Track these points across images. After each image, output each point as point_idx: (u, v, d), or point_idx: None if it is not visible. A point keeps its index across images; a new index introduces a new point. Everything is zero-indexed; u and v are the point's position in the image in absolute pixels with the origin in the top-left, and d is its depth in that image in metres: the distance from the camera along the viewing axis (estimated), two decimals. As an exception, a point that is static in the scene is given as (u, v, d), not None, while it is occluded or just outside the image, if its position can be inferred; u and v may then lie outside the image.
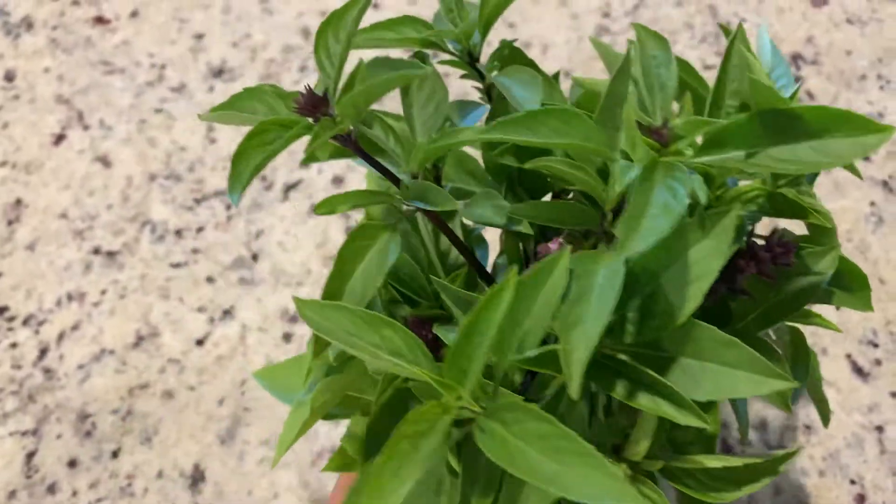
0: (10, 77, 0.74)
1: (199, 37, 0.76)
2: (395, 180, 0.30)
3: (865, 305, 0.33)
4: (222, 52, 0.75)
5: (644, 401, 0.27)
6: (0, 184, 0.68)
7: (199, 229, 0.65)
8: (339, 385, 0.34)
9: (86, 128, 0.71)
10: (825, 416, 0.40)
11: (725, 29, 0.34)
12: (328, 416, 0.37)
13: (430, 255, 0.35)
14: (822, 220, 0.31)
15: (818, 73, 0.71)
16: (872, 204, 0.63)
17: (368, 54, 0.32)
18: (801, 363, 0.35)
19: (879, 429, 0.54)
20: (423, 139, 0.32)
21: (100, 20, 0.78)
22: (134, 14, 0.78)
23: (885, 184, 0.64)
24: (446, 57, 0.34)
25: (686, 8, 0.75)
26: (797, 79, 0.71)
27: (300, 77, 0.72)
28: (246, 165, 0.26)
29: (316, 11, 0.77)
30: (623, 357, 0.28)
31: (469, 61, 0.34)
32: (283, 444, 0.38)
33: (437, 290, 0.34)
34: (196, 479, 0.54)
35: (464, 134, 0.29)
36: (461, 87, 0.61)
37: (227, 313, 0.61)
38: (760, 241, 0.31)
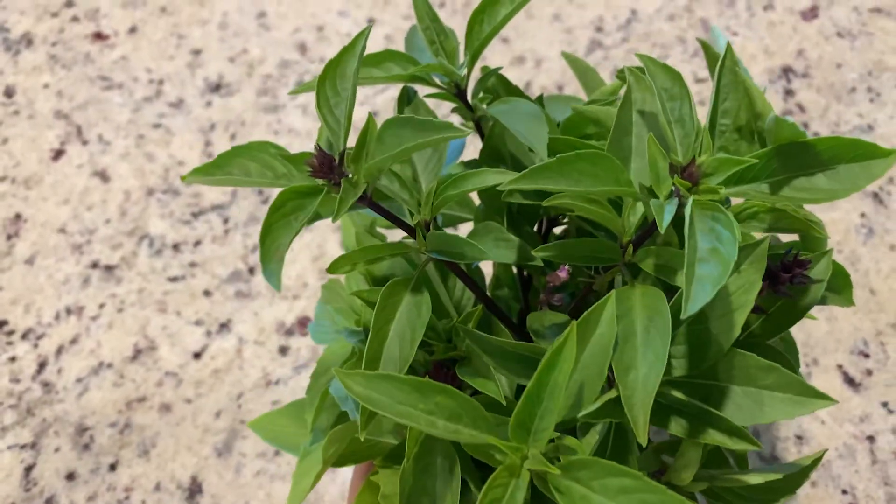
0: (9, 93, 0.75)
1: (197, 52, 0.77)
2: (409, 229, 0.30)
3: (848, 302, 0.35)
4: (219, 67, 0.76)
5: (693, 431, 0.27)
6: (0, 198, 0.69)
7: (197, 243, 0.66)
8: (349, 431, 0.34)
9: (84, 143, 0.72)
10: None
11: (706, 45, 0.34)
12: (338, 463, 0.37)
13: (440, 296, 0.35)
14: (820, 231, 0.32)
15: (808, 86, 0.71)
16: (863, 216, 0.64)
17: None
18: (792, 357, 0.36)
19: (871, 439, 0.55)
20: (427, 181, 0.31)
21: (98, 36, 0.79)
22: (132, 30, 0.79)
23: (875, 196, 0.65)
24: (433, 90, 0.34)
25: (678, 22, 0.76)
26: (788, 92, 0.71)
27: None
28: (275, 243, 0.25)
29: (312, 27, 0.78)
30: (677, 393, 0.28)
31: (456, 93, 0.34)
32: (297, 496, 0.37)
33: (449, 330, 0.34)
34: (193, 491, 0.55)
35: (485, 178, 0.28)
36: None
37: (224, 326, 0.61)
38: (773, 257, 0.32)
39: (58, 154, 0.71)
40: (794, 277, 0.31)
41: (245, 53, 0.76)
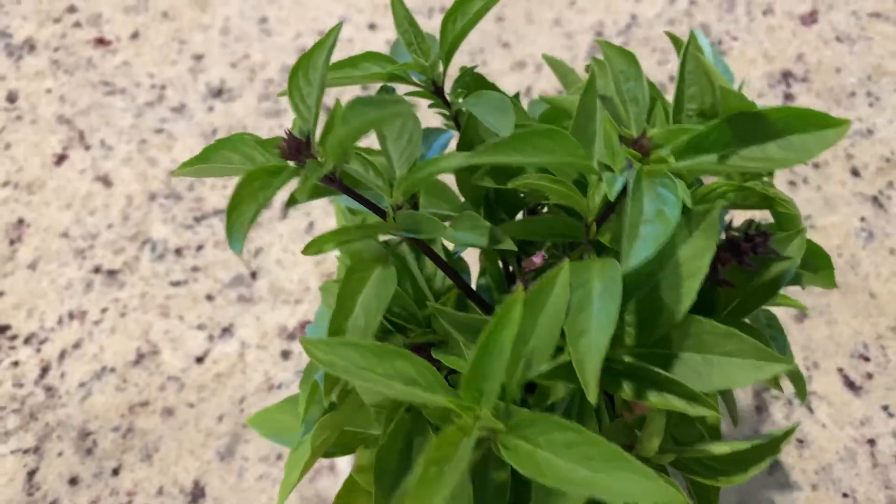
0: (12, 98, 0.75)
1: (199, 58, 0.77)
2: (380, 212, 0.31)
3: (830, 283, 0.34)
4: (221, 72, 0.76)
5: (653, 398, 0.28)
6: (2, 203, 0.69)
7: (199, 248, 0.66)
8: (337, 421, 0.35)
9: (87, 148, 0.72)
10: (802, 392, 0.41)
11: (674, 37, 0.36)
12: (328, 454, 0.37)
13: (418, 281, 0.36)
14: (788, 208, 0.32)
15: (808, 91, 0.72)
16: (862, 220, 0.64)
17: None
18: (779, 343, 0.37)
19: (871, 442, 0.55)
20: (402, 170, 0.33)
21: (101, 42, 0.79)
22: (134, 35, 0.79)
23: (874, 199, 0.65)
24: (411, 88, 0.35)
25: (678, 27, 0.76)
26: (787, 96, 0.72)
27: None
28: (240, 217, 0.26)
29: (314, 32, 0.78)
30: (629, 359, 0.29)
31: (434, 90, 0.35)
32: (287, 486, 0.38)
33: (428, 316, 0.35)
34: (196, 495, 0.55)
35: (450, 161, 0.29)
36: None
37: (227, 331, 0.62)
38: (735, 233, 0.33)
39: (60, 159, 0.71)
40: (756, 247, 0.31)
41: (247, 59, 0.77)
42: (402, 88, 0.36)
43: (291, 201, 0.30)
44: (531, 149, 0.27)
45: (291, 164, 0.28)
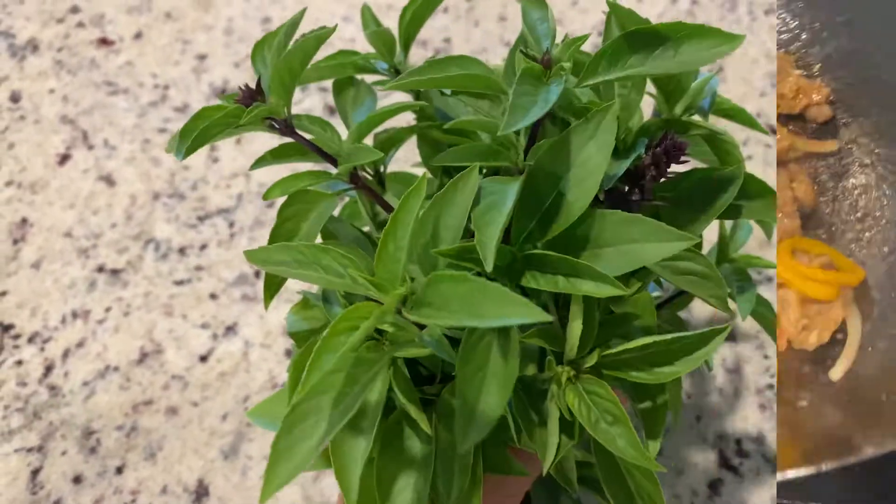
0: (15, 98, 0.75)
1: (202, 58, 0.77)
2: (333, 161, 0.34)
3: (769, 213, 0.36)
4: (224, 72, 0.76)
5: (562, 284, 0.30)
6: (6, 203, 0.69)
7: (203, 247, 0.66)
8: None
9: (90, 148, 0.72)
10: (771, 332, 0.42)
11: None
12: None
13: (375, 241, 0.38)
14: (705, 126, 0.35)
15: (811, 90, 0.72)
16: (866, 218, 0.64)
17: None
18: (747, 290, 0.40)
19: (875, 440, 0.55)
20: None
21: (104, 42, 0.79)
22: (137, 36, 0.79)
23: (877, 198, 0.65)
24: (378, 77, 0.40)
25: (680, 27, 0.76)
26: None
27: (301, 97, 0.74)
28: (189, 134, 0.31)
29: (316, 32, 0.78)
30: (538, 251, 0.31)
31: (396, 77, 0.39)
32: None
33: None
34: (200, 494, 0.55)
35: (393, 106, 0.34)
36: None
37: (230, 330, 0.62)
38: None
39: (63, 159, 0.72)
40: (668, 153, 0.32)
41: (250, 59, 0.77)
42: (372, 79, 0.40)
43: (259, 162, 0.34)
44: (446, 72, 0.32)
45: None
